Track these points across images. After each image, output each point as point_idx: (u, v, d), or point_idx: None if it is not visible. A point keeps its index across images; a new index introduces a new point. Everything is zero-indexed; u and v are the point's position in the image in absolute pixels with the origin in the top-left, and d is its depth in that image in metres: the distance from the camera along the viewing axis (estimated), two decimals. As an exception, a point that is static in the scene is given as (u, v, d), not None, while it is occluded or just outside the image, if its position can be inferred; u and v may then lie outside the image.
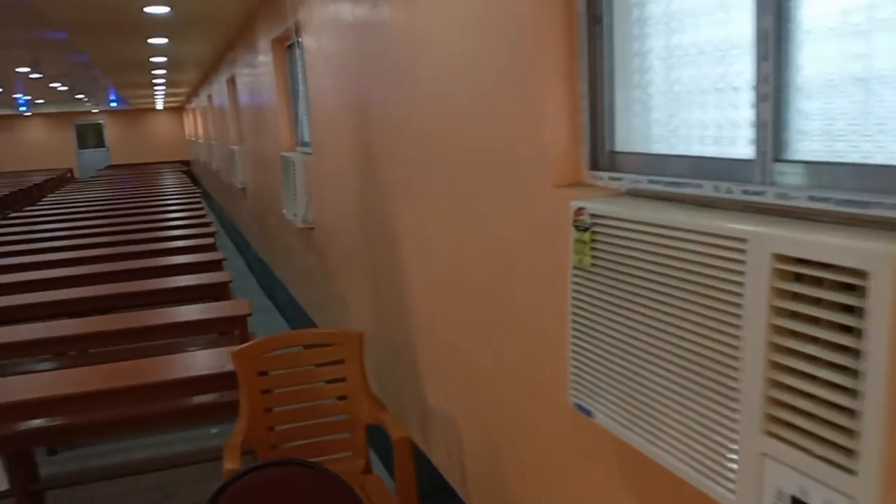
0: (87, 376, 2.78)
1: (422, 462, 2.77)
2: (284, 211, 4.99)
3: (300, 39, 4.25)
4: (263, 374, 2.57)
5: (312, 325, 5.02)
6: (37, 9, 5.15)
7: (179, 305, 4.03)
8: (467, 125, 1.95)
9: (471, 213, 2.00)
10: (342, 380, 2.61)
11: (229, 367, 2.68)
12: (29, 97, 19.42)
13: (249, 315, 3.42)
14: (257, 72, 6.16)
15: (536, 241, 1.64)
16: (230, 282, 4.16)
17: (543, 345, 1.67)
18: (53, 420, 2.92)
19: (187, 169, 18.92)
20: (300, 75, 4.89)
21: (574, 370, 1.38)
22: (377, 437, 3.05)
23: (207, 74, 11.57)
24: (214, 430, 3.84)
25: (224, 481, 1.76)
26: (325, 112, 3.81)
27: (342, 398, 2.61)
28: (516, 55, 1.63)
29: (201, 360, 2.93)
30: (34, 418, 2.85)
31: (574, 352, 1.38)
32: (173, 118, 24.98)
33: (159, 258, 5.17)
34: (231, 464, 2.12)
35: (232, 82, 8.63)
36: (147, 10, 5.33)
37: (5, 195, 12.57)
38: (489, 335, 2.00)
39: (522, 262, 1.72)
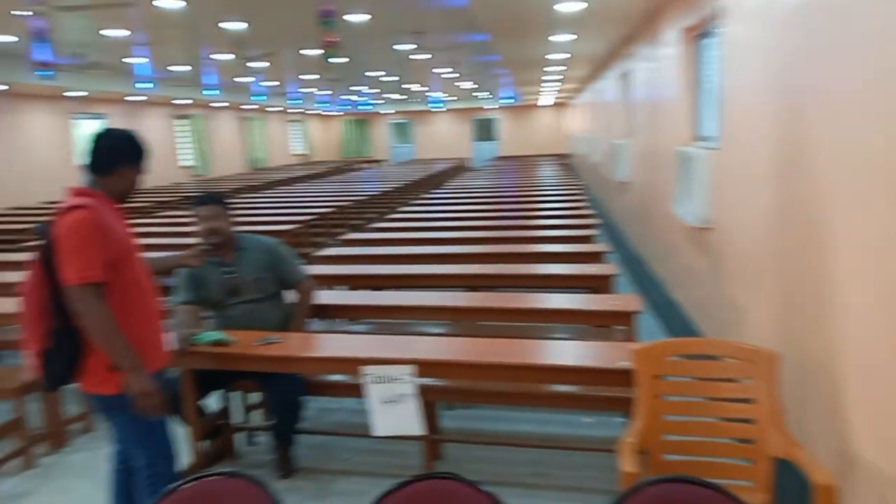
0: (477, 346, 3.00)
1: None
2: (674, 208, 4.77)
3: (717, 27, 3.96)
4: (658, 377, 2.45)
5: (692, 330, 4.73)
6: (470, 15, 5.83)
7: (555, 292, 4.15)
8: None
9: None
10: (747, 401, 2.34)
11: (620, 363, 2.62)
12: (441, 95, 22.52)
13: (639, 312, 3.32)
14: (657, 65, 6.01)
15: None
16: (615, 275, 4.12)
17: None
18: (449, 381, 3.23)
19: (565, 162, 19.82)
20: (709, 66, 4.59)
21: None
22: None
23: (597, 70, 11.83)
24: (588, 420, 3.87)
25: (626, 490, 1.68)
26: (742, 104, 3.48)
27: (745, 420, 2.35)
28: None
29: (588, 352, 2.92)
30: (432, 376, 3.17)
31: None
32: (555, 114, 26.43)
33: (540, 244, 5.43)
34: (629, 466, 2.05)
35: (624, 77, 8.64)
36: (556, 7, 5.58)
37: (418, 180, 14.75)
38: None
39: None
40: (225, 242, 3.32)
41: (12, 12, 5.88)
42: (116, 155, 2.36)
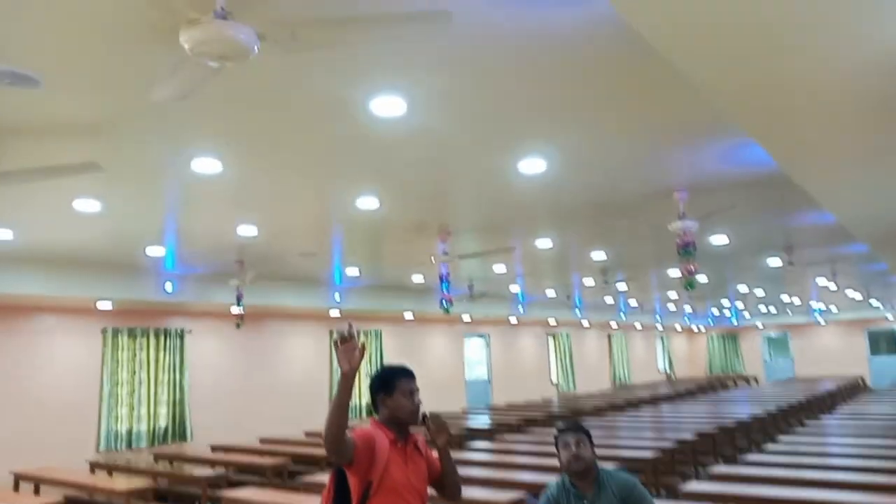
0: None
1: None
2: None
3: None
4: None
5: None
6: (843, 229, 5.45)
7: None
8: None
9: None
10: None
11: None
12: (820, 305, 20.32)
13: None
14: None
15: None
16: None
17: None
18: None
19: None
20: None
21: None
22: None
23: None
24: None
25: None
26: None
27: None
28: None
29: None
30: None
31: None
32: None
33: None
34: None
35: None
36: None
37: (801, 402, 13.00)
38: None
39: None
40: (586, 471, 3.39)
41: (432, 260, 7.42)
42: (372, 391, 2.79)
